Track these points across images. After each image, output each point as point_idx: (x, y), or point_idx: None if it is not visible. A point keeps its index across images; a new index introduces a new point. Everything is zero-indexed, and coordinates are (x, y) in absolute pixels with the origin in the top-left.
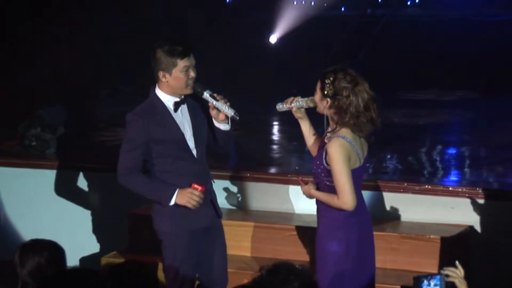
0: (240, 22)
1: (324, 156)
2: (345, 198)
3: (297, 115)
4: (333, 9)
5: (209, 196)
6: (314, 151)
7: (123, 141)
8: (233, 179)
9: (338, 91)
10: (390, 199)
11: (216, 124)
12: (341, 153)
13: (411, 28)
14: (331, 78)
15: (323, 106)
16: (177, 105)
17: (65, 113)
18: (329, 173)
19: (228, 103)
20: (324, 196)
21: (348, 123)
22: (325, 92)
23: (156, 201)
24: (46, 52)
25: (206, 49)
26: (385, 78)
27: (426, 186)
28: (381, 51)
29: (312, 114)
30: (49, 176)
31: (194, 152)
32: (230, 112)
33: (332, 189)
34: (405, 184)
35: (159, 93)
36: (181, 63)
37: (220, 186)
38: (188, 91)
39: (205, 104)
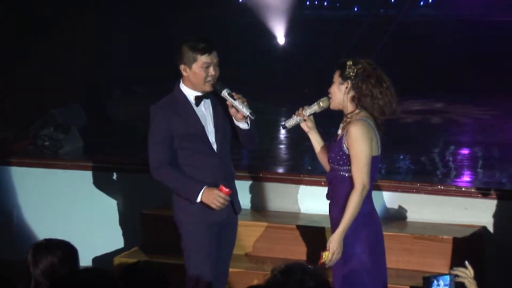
0: (249, 22)
1: (344, 139)
2: (365, 180)
3: (308, 125)
4: (345, 9)
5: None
6: (325, 162)
7: (148, 135)
8: (245, 179)
9: (359, 71)
10: (403, 200)
11: (236, 122)
12: (364, 132)
13: (424, 28)
14: (351, 62)
15: (342, 92)
16: (198, 99)
17: (81, 112)
18: (348, 159)
19: (245, 102)
20: (346, 217)
21: (369, 104)
22: (346, 74)
23: (185, 198)
24: (59, 51)
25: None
26: (397, 78)
27: (439, 187)
28: (394, 51)
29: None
30: (61, 176)
31: (215, 146)
32: (246, 111)
33: (345, 180)
34: (418, 184)
35: (182, 87)
36: (201, 59)
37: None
38: (207, 88)
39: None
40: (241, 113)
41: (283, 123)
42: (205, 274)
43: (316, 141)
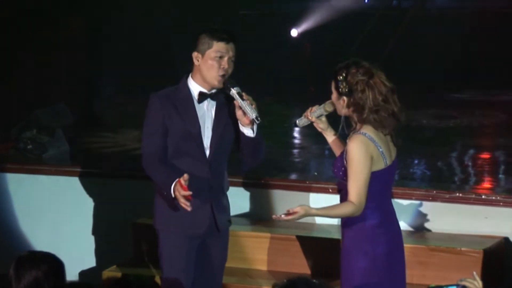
0: (258, 14)
1: (344, 155)
2: (362, 201)
3: (319, 126)
4: (355, 1)
5: (209, 199)
6: None
7: (143, 125)
8: (246, 186)
9: (352, 87)
10: (418, 208)
11: (241, 127)
12: (360, 149)
13: (441, 22)
14: (344, 74)
15: (341, 105)
16: (202, 96)
17: (67, 112)
18: None
19: (253, 105)
20: (328, 211)
21: (368, 120)
22: (340, 90)
23: (169, 194)
24: (42, 47)
25: None
26: (411, 76)
27: (457, 194)
28: (408, 46)
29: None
30: (45, 182)
31: (207, 152)
32: (252, 114)
33: None
34: (434, 192)
35: (190, 81)
36: (216, 46)
37: (232, 194)
38: (217, 83)
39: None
40: (247, 115)
41: (295, 121)
42: (178, 287)
43: (333, 141)
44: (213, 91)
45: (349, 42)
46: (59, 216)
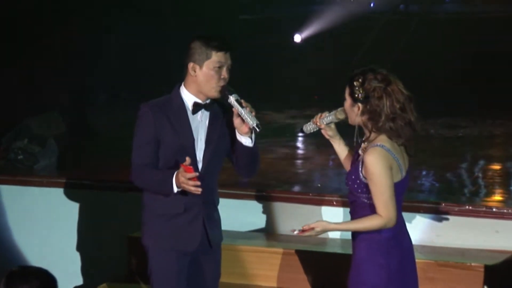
0: (260, 20)
1: (360, 168)
2: (391, 213)
3: (328, 133)
4: (360, 6)
5: (201, 214)
6: None
7: (133, 136)
8: (246, 198)
9: (369, 93)
10: (426, 221)
11: (238, 137)
12: (381, 163)
13: (450, 27)
14: (360, 80)
15: (355, 113)
16: (196, 107)
17: (59, 121)
18: (367, 188)
19: (253, 113)
20: (353, 224)
21: (384, 128)
22: (355, 96)
23: (165, 193)
24: (35, 53)
25: None
26: (419, 83)
27: (467, 207)
28: (415, 53)
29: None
30: (37, 194)
31: (200, 165)
32: (252, 122)
33: (367, 206)
34: (443, 204)
35: (183, 90)
36: (216, 56)
37: (230, 207)
38: (216, 93)
39: (232, 117)
40: (247, 123)
41: (302, 127)
42: None
43: (341, 150)
44: (208, 101)
45: (355, 47)
46: (51, 230)
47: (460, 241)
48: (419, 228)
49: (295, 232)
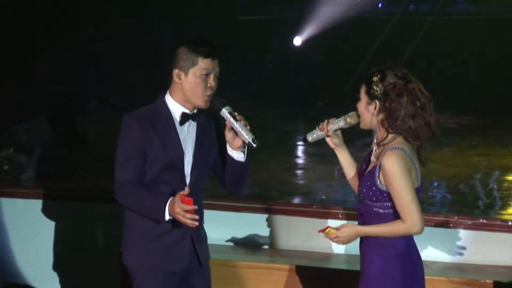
0: (258, 21)
1: (377, 174)
2: (415, 218)
3: (333, 141)
4: (368, 6)
5: (189, 231)
6: (355, 185)
7: (116, 150)
8: (246, 211)
9: (388, 89)
10: (437, 236)
11: (229, 151)
12: (401, 165)
13: (463, 28)
14: (379, 76)
15: (371, 113)
16: (184, 118)
17: (47, 129)
18: (382, 196)
19: (248, 127)
20: (379, 228)
21: (402, 128)
22: (373, 93)
23: (154, 218)
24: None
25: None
26: (430, 86)
27: (481, 221)
28: (426, 55)
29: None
30: (23, 206)
31: (188, 179)
32: (247, 137)
33: (383, 218)
34: (455, 217)
35: (168, 99)
36: (202, 63)
37: (229, 220)
38: (203, 103)
39: (220, 127)
40: (241, 138)
41: (306, 135)
42: None
43: (345, 160)
44: (195, 111)
45: (362, 50)
46: (38, 244)
47: (474, 257)
48: (430, 243)
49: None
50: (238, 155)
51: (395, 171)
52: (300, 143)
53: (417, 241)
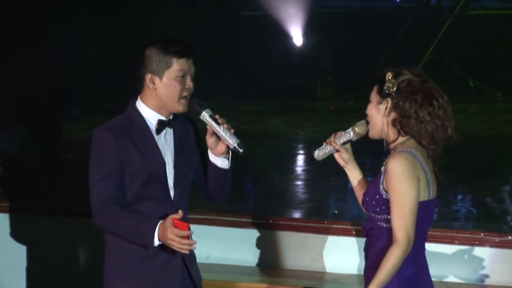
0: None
1: (381, 179)
2: (409, 233)
3: (342, 156)
4: (384, 1)
5: (180, 253)
6: None
7: (90, 168)
8: (249, 227)
9: (401, 86)
10: (462, 255)
11: (212, 158)
12: (407, 168)
13: (488, 24)
14: (393, 73)
15: (381, 113)
16: (161, 126)
17: (25, 137)
18: (386, 206)
19: (232, 130)
20: (381, 275)
21: (416, 129)
22: (385, 91)
23: (141, 244)
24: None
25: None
26: (454, 88)
27: (510, 238)
28: (449, 53)
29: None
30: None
31: (172, 192)
32: (233, 142)
33: (384, 233)
34: (482, 234)
35: (141, 106)
36: (177, 65)
37: (230, 237)
38: (181, 107)
39: (198, 131)
40: (225, 143)
41: (313, 152)
42: None
43: (355, 178)
44: (171, 117)
45: (378, 48)
46: (14, 264)
47: (502, 277)
48: (454, 263)
49: None
50: (222, 162)
51: (399, 174)
52: (305, 151)
53: (438, 260)
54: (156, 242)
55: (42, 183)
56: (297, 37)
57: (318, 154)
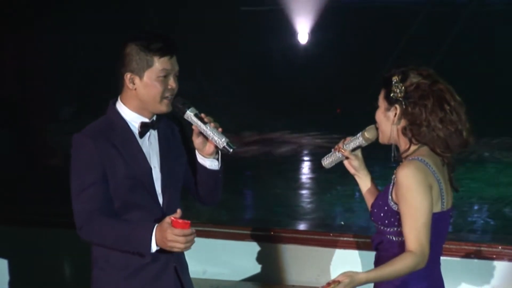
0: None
1: (391, 189)
2: (424, 247)
3: (352, 164)
4: None
5: (171, 261)
6: None
7: (71, 178)
8: (249, 239)
9: (410, 91)
10: (479, 269)
11: (200, 159)
12: (418, 177)
13: (505, 22)
14: (400, 76)
15: (391, 120)
16: (144, 128)
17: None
18: (395, 218)
19: (220, 129)
20: (384, 269)
21: (428, 137)
22: (392, 96)
23: (135, 252)
24: None
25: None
26: (468, 90)
27: None
28: (464, 53)
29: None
30: None
31: (160, 199)
32: (221, 141)
33: (394, 246)
34: (499, 247)
35: (122, 108)
36: (159, 64)
37: (229, 249)
38: (164, 108)
39: (185, 131)
40: (213, 143)
41: (321, 160)
42: None
43: (366, 187)
44: (154, 118)
45: (386, 48)
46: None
47: None
48: (470, 278)
49: None
50: (211, 163)
51: (410, 184)
52: (310, 158)
53: (453, 275)
54: (154, 248)
55: (20, 192)
56: (303, 35)
57: (327, 161)
